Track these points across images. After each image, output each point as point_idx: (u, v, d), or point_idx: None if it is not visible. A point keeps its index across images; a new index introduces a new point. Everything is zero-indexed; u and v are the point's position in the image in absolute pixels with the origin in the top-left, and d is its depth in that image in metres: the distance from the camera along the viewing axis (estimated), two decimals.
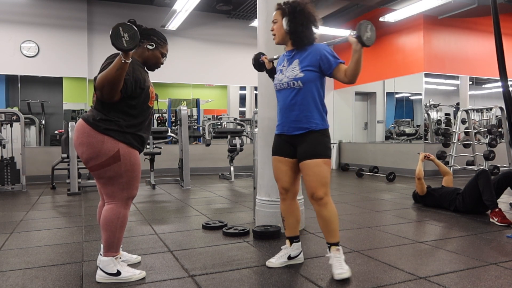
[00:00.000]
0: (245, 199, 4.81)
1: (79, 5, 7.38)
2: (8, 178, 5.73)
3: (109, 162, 1.99)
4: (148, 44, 2.16)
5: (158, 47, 2.20)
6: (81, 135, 2.01)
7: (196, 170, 7.80)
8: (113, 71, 1.81)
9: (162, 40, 2.22)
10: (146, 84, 2.10)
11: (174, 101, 8.95)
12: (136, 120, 2.07)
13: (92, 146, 1.98)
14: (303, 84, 2.15)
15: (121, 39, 1.71)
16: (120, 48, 1.72)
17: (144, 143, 2.16)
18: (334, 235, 2.16)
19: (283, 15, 2.17)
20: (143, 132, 2.12)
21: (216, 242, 2.86)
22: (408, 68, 7.73)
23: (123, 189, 2.06)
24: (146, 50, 2.17)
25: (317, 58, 2.13)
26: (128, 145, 2.04)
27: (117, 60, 1.79)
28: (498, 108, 6.86)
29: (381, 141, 8.76)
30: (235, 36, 8.64)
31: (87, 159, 2.02)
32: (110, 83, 1.84)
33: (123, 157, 2.01)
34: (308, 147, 2.15)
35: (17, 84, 7.19)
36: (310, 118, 2.16)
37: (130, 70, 1.98)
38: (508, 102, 2.79)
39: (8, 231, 3.27)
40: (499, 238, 2.91)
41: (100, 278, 2.07)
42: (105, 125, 1.99)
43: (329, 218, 2.14)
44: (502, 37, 2.75)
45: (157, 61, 2.22)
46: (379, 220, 3.60)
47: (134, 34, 1.74)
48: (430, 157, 4.33)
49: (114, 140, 2.00)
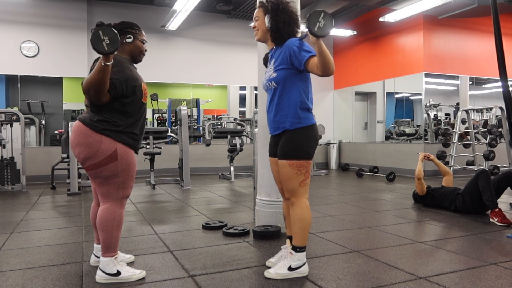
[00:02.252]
0: (245, 199, 4.81)
1: (79, 5, 7.38)
2: (8, 178, 5.73)
3: (106, 161, 2.01)
4: (126, 38, 2.16)
5: (136, 36, 2.21)
6: (78, 135, 2.02)
7: (196, 170, 7.80)
8: (95, 75, 1.84)
9: (136, 28, 2.23)
10: (138, 81, 2.11)
11: (174, 101, 8.95)
12: (132, 118, 2.08)
13: (89, 146, 1.99)
14: (277, 84, 2.12)
15: (102, 42, 1.74)
16: (101, 51, 1.75)
17: (139, 141, 2.17)
18: (296, 238, 2.12)
19: (265, 12, 2.14)
20: (138, 129, 2.14)
21: (216, 242, 2.86)
22: (408, 68, 7.73)
23: (118, 189, 2.07)
24: (127, 45, 2.18)
25: (287, 54, 2.07)
26: (125, 145, 2.05)
27: (98, 63, 1.82)
28: (498, 108, 6.86)
29: (381, 141, 8.76)
30: (235, 36, 8.64)
31: (84, 159, 2.03)
32: (94, 86, 1.87)
33: (120, 157, 2.03)
34: (279, 148, 2.15)
35: (17, 84, 7.19)
36: (285, 117, 2.11)
37: (117, 70, 1.99)
38: (508, 102, 2.79)
39: (8, 231, 3.27)
40: (499, 238, 2.91)
41: (100, 279, 2.07)
42: (102, 125, 2.01)
43: (293, 219, 2.12)
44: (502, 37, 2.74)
45: (140, 50, 2.23)
46: (379, 220, 3.60)
47: (115, 37, 1.76)
48: (430, 157, 4.34)
49: (111, 140, 2.01)
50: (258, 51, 3.28)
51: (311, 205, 2.23)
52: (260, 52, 3.25)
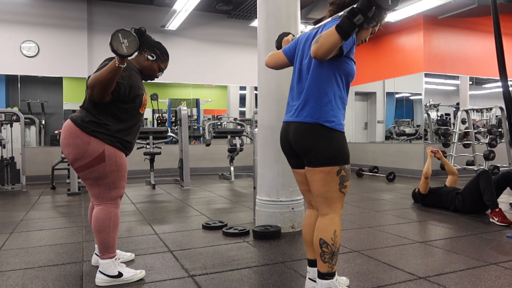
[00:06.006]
0: (245, 199, 4.81)
1: (79, 5, 7.37)
2: (8, 178, 5.73)
3: (93, 163, 2.00)
4: (150, 54, 2.20)
5: (158, 61, 2.23)
6: (67, 136, 2.02)
7: (196, 170, 7.80)
8: (106, 73, 1.83)
9: (164, 55, 2.26)
10: (140, 91, 2.12)
11: (174, 101, 8.95)
12: (124, 124, 2.08)
13: (77, 147, 1.99)
14: None
15: (122, 45, 1.75)
16: (121, 54, 1.75)
17: (131, 148, 2.17)
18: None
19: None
20: (131, 137, 2.14)
21: (216, 242, 2.86)
22: (408, 68, 7.73)
23: (109, 189, 2.07)
24: (146, 60, 2.21)
25: None
26: (113, 147, 2.04)
27: (111, 63, 1.82)
28: (498, 108, 6.86)
29: (381, 141, 8.76)
30: (235, 36, 8.64)
31: (73, 160, 2.02)
32: (102, 84, 1.87)
33: (108, 158, 2.02)
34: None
35: (17, 84, 7.19)
36: None
37: (126, 75, 2.00)
38: (508, 102, 2.79)
39: (8, 231, 3.27)
40: (499, 238, 2.91)
41: (101, 282, 2.05)
42: (93, 127, 2.00)
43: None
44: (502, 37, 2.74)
45: (152, 73, 2.25)
46: (379, 220, 3.60)
47: (134, 40, 1.77)
48: (437, 155, 4.27)
49: (100, 142, 2.00)
50: (258, 51, 3.29)
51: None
52: (260, 52, 3.26)
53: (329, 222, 1.71)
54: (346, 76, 1.72)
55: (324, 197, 1.71)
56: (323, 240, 1.69)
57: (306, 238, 1.91)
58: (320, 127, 1.68)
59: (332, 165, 1.67)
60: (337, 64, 1.69)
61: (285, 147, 1.86)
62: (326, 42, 1.49)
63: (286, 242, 2.85)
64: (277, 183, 3.15)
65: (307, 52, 1.77)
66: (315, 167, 1.70)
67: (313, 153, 1.69)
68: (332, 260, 1.69)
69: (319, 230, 1.72)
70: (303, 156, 1.75)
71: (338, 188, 1.70)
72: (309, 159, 1.71)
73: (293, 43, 1.91)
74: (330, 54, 1.53)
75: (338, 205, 1.73)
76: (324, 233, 1.70)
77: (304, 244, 2.00)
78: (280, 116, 3.14)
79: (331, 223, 1.70)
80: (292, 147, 1.80)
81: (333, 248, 1.69)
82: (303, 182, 1.89)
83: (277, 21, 3.14)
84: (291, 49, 1.90)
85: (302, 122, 1.73)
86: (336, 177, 1.69)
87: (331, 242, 1.69)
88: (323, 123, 1.68)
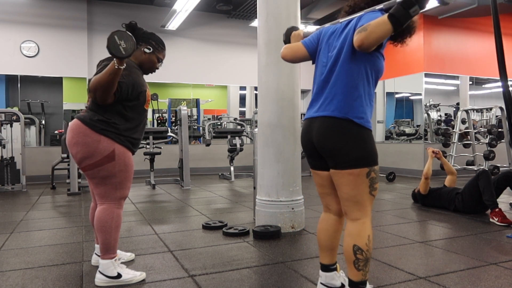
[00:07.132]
0: (245, 199, 4.81)
1: (79, 5, 7.37)
2: (8, 178, 5.73)
3: (103, 161, 1.99)
4: (146, 47, 2.19)
5: (155, 52, 2.22)
6: (76, 134, 2.01)
7: (196, 170, 7.80)
8: (106, 75, 1.83)
9: (160, 45, 2.26)
10: (143, 87, 2.12)
11: (174, 101, 8.95)
12: (131, 123, 2.08)
13: (87, 145, 1.98)
14: None
15: (119, 47, 1.74)
16: (119, 56, 1.75)
17: (137, 145, 2.17)
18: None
19: None
20: (138, 134, 2.14)
21: (216, 242, 2.86)
22: (408, 68, 7.73)
23: (116, 189, 2.06)
24: (143, 53, 2.20)
25: None
26: (123, 146, 2.05)
27: (110, 65, 1.81)
28: (498, 108, 6.86)
29: (381, 141, 8.76)
30: (235, 36, 8.64)
31: (81, 159, 2.01)
32: (103, 87, 1.86)
33: (118, 157, 2.02)
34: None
35: (17, 84, 7.19)
36: None
37: (126, 73, 1.99)
38: (508, 102, 2.79)
39: (8, 231, 3.27)
40: (499, 238, 2.91)
41: (100, 282, 2.04)
42: (102, 126, 2.00)
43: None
44: (502, 37, 2.74)
45: (152, 65, 2.25)
46: (379, 220, 3.60)
47: (130, 40, 1.76)
48: (438, 155, 4.27)
49: (110, 140, 2.00)
50: (258, 51, 3.29)
51: (311, 205, 2.23)
52: (260, 52, 3.26)
53: (362, 227, 1.61)
54: (376, 72, 1.63)
55: (354, 201, 1.61)
56: (358, 247, 1.58)
57: (322, 242, 1.80)
58: (349, 123, 1.56)
59: (361, 167, 1.56)
60: (370, 59, 1.59)
61: (306, 146, 1.73)
62: (377, 30, 1.39)
63: (286, 242, 2.84)
64: (277, 183, 3.15)
65: (335, 44, 1.66)
66: (343, 169, 1.58)
67: (341, 154, 1.57)
68: (366, 267, 1.60)
69: (352, 236, 1.60)
70: (328, 158, 1.63)
71: (368, 191, 1.60)
72: (336, 161, 1.59)
73: (315, 36, 1.79)
74: (377, 44, 1.43)
75: (369, 208, 1.63)
76: (358, 239, 1.59)
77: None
78: (280, 116, 3.16)
79: (364, 228, 1.60)
80: (315, 147, 1.66)
81: (368, 255, 1.59)
82: (324, 185, 1.76)
83: (277, 21, 3.14)
84: (313, 42, 1.78)
85: (329, 116, 1.59)
86: (366, 179, 1.58)
87: (365, 248, 1.58)
88: (353, 119, 1.56)
